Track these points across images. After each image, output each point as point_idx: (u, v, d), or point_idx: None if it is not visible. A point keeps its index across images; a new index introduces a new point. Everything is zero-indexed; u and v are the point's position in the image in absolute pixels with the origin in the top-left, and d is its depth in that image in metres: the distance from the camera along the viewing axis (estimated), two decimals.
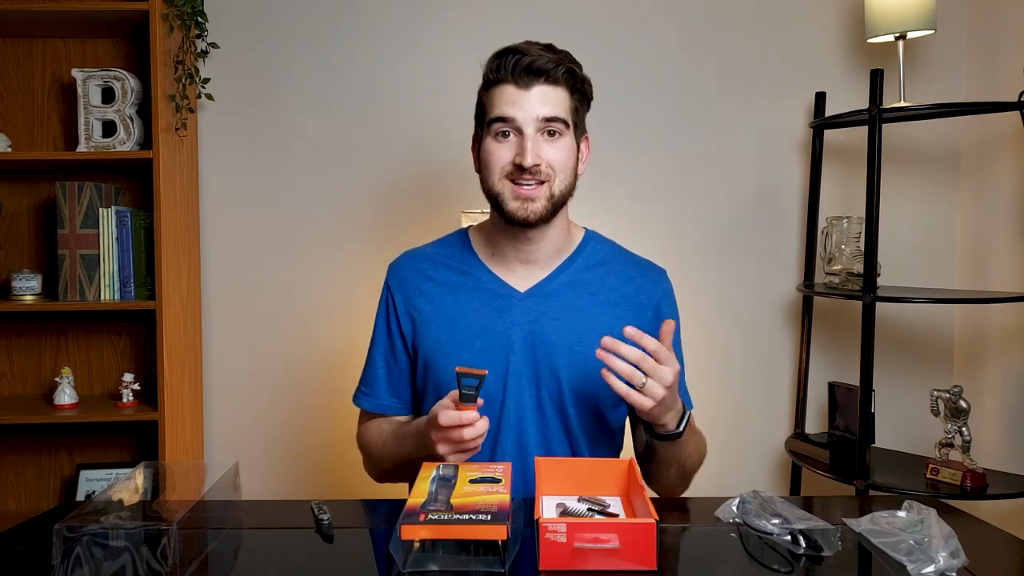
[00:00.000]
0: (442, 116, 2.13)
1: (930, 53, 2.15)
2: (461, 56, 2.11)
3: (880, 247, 1.90)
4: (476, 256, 1.34)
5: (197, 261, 2.14)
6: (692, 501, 1.21)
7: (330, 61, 2.15)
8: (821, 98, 2.09)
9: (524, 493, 1.18)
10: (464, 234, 1.39)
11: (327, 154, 2.17)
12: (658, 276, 1.37)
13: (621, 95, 2.14)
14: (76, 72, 1.97)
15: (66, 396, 1.98)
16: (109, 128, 1.99)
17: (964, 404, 1.78)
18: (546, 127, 1.22)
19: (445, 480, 1.02)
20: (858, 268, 1.93)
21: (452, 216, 1.95)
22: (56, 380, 2.01)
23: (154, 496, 1.11)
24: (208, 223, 2.18)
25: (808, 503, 1.20)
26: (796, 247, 2.19)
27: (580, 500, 1.06)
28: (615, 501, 1.08)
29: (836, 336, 2.19)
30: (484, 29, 2.14)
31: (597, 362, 1.26)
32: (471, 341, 1.27)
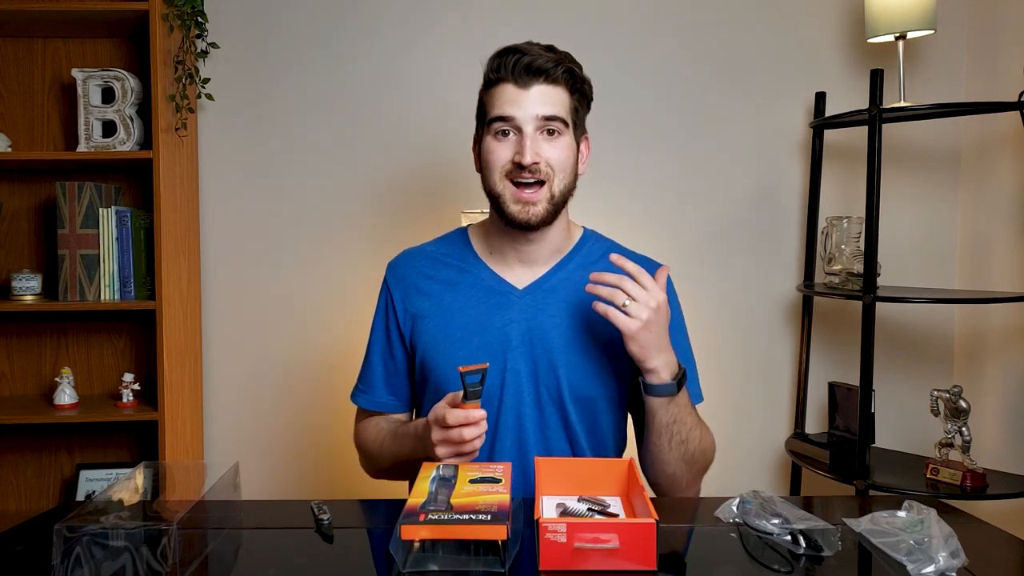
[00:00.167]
0: (442, 116, 2.13)
1: (930, 53, 2.15)
2: (461, 56, 2.11)
3: (880, 247, 1.90)
4: (475, 254, 1.35)
5: (197, 261, 2.14)
6: (692, 501, 1.21)
7: (330, 61, 2.15)
8: (821, 98, 2.09)
9: (523, 488, 1.18)
10: (464, 232, 1.39)
11: (327, 154, 2.17)
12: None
13: (621, 95, 2.14)
14: (76, 72, 1.97)
15: (66, 396, 1.99)
16: (109, 128, 1.99)
17: (964, 404, 1.78)
18: (545, 126, 1.23)
19: (445, 480, 1.02)
20: (858, 268, 1.93)
21: (452, 216, 1.95)
22: (56, 380, 2.01)
23: (154, 496, 1.11)
24: (208, 223, 2.18)
25: (808, 503, 1.20)
26: (796, 247, 2.19)
27: (580, 500, 1.06)
28: (615, 501, 1.08)
29: (836, 336, 2.19)
30: (484, 29, 2.14)
31: (596, 357, 1.25)
32: (469, 338, 1.27)
